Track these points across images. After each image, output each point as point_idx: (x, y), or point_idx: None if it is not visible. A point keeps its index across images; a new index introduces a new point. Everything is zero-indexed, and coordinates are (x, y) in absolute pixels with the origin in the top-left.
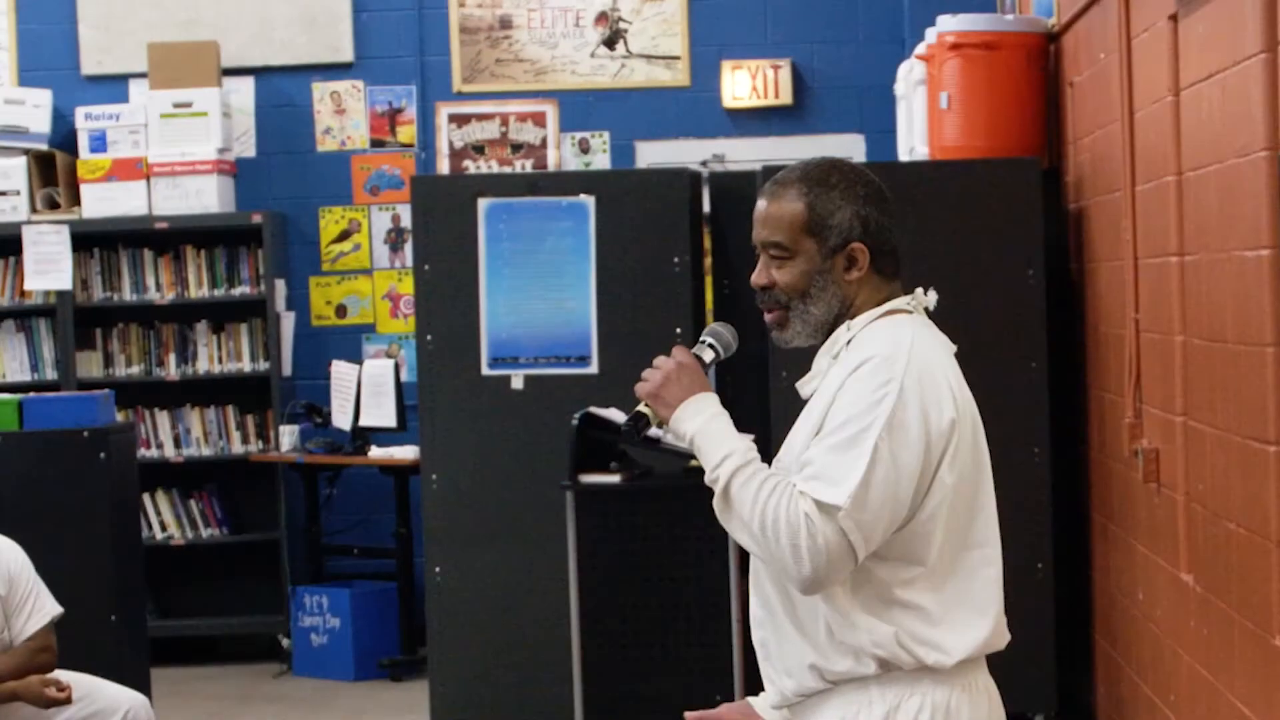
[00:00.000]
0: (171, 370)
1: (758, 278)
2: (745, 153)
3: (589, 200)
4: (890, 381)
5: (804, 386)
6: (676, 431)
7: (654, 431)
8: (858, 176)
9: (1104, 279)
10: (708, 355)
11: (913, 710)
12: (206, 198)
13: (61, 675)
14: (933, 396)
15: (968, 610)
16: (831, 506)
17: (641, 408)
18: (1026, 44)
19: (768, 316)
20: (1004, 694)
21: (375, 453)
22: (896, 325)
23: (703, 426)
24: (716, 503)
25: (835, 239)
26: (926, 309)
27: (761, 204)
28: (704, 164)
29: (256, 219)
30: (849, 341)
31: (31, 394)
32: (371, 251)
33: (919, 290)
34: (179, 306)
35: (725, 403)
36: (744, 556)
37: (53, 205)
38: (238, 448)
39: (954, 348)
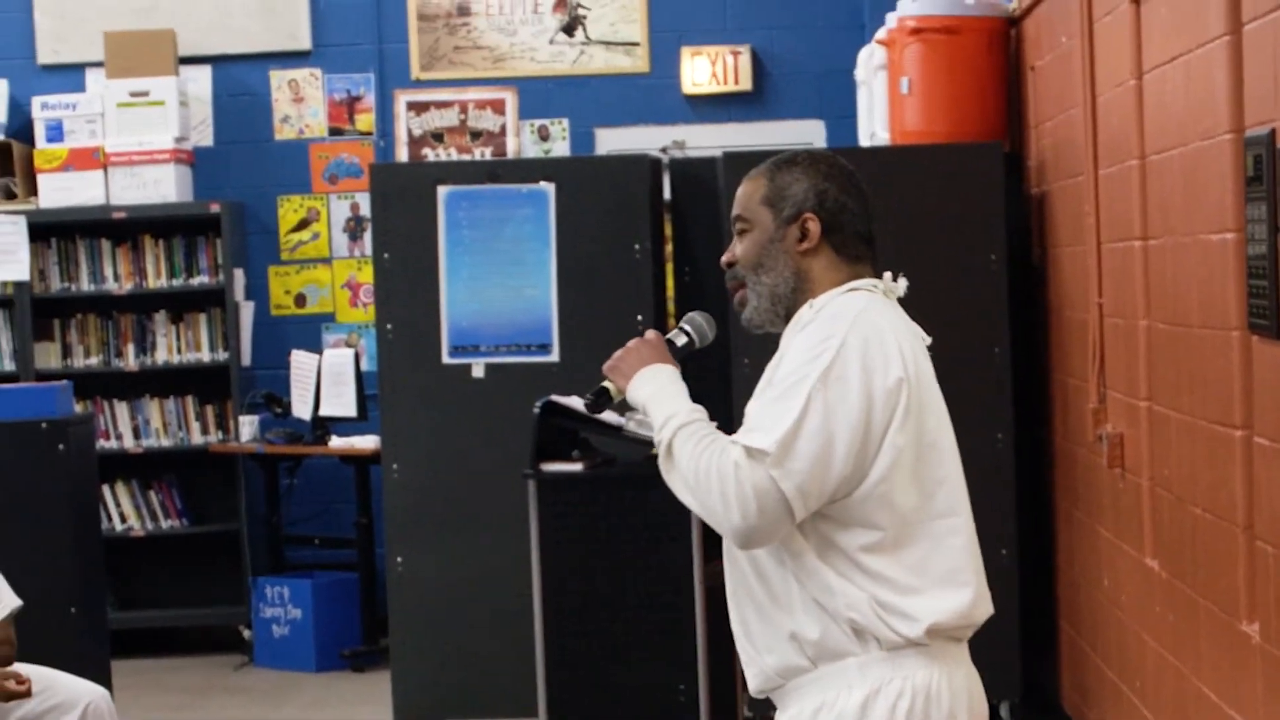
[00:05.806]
0: (130, 361)
1: (725, 256)
2: (705, 139)
3: (549, 188)
4: (831, 337)
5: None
6: (632, 399)
7: (615, 419)
8: (825, 159)
9: (1067, 264)
10: (680, 340)
11: (893, 694)
12: (164, 187)
13: (21, 668)
14: (878, 354)
15: (935, 580)
16: (758, 451)
17: (605, 384)
18: (987, 29)
19: (735, 297)
20: None
21: (336, 442)
22: (854, 297)
23: (655, 392)
24: (661, 461)
25: (789, 209)
26: (897, 296)
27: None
28: (664, 150)
29: (215, 208)
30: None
31: None
32: (330, 240)
33: (888, 275)
34: (137, 296)
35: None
36: (707, 543)
37: (9, 195)
38: (197, 438)
39: (928, 340)
